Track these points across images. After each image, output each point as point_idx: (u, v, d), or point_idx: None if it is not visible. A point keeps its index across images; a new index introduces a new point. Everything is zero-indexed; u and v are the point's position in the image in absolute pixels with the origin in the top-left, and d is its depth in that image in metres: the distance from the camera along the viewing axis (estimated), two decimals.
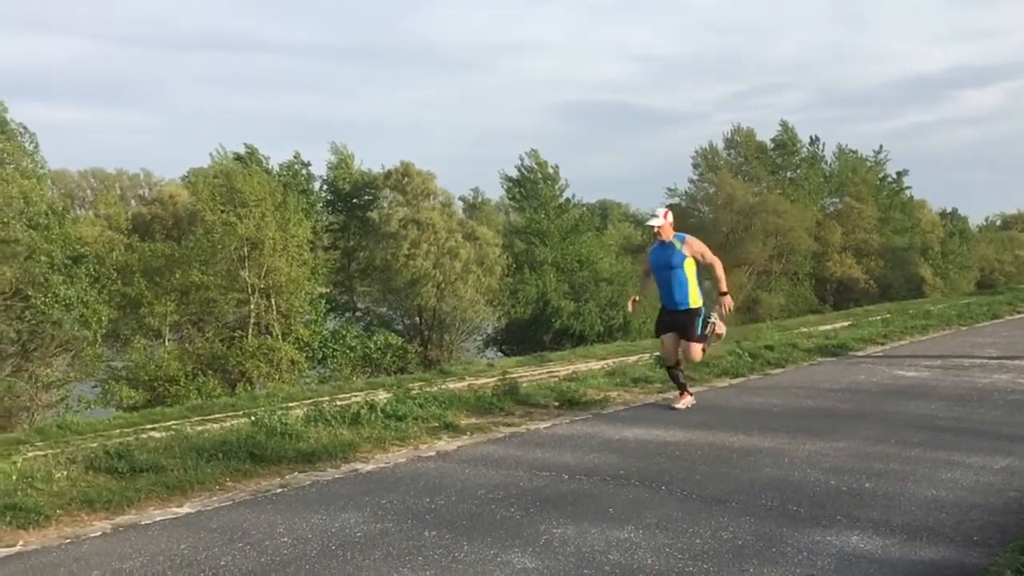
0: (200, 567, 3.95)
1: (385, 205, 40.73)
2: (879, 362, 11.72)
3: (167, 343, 31.90)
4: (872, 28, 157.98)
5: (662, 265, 7.85)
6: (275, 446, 6.13)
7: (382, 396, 8.48)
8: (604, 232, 55.81)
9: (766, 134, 54.77)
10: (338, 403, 8.44)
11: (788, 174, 54.59)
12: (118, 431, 9.65)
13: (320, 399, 9.88)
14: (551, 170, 49.23)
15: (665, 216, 7.87)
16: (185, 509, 4.95)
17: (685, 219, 48.94)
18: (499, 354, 39.33)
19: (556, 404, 8.28)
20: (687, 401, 8.14)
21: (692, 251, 7.79)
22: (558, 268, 42.83)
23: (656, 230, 7.86)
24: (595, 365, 12.40)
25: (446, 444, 6.66)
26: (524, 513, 4.73)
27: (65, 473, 5.44)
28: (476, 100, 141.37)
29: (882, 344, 13.89)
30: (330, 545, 4.24)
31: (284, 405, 9.47)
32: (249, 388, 26.04)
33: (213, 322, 32.49)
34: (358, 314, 42.63)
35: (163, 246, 34.84)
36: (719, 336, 8.29)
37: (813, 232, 49.84)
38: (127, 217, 51.36)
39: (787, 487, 5.21)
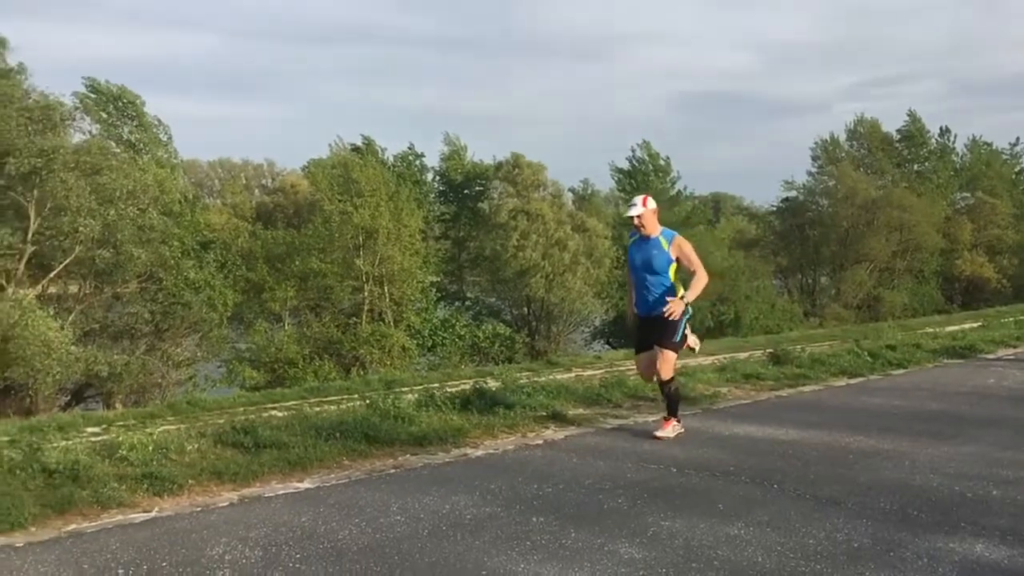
0: (320, 540, 4.14)
1: (495, 196, 41.13)
2: (1011, 365, 11.11)
3: (287, 327, 33.27)
4: (1012, 13, 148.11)
5: (643, 265, 6.46)
6: (389, 428, 6.34)
7: (491, 384, 8.61)
8: (716, 225, 54.70)
9: (892, 125, 52.54)
10: (448, 389, 8.62)
11: (915, 167, 52.18)
12: (242, 409, 10.18)
13: (430, 385, 10.12)
14: (663, 162, 48.69)
15: (644, 203, 6.39)
16: (305, 484, 5.18)
17: (802, 212, 47.53)
18: (606, 347, 39.13)
19: None
20: (671, 429, 6.53)
21: (680, 254, 6.40)
22: None
23: (636, 221, 6.40)
24: (705, 360, 12.22)
25: (554, 433, 6.72)
26: (631, 504, 4.74)
27: (196, 446, 5.79)
28: (589, 91, 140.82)
29: (1015, 347, 13.16)
30: (441, 526, 4.36)
31: (396, 390, 9.76)
32: (362, 372, 26.86)
33: (330, 308, 33.68)
34: (467, 303, 43.34)
35: (284, 234, 36.33)
36: (692, 350, 7.17)
37: (941, 228, 47.41)
38: (251, 205, 53.91)
39: (907, 491, 5.01)
